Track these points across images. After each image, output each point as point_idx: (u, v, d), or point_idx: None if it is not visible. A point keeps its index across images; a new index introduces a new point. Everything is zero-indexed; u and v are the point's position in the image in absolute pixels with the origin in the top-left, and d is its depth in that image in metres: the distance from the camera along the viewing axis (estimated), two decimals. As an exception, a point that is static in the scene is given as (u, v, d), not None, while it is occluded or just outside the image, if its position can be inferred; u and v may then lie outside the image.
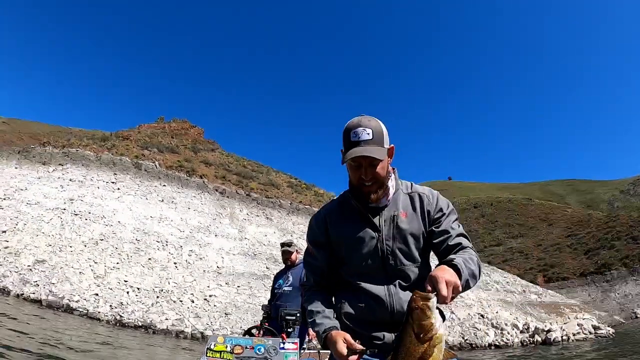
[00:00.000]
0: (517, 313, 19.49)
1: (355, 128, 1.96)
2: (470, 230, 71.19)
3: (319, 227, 2.19)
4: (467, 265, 1.74)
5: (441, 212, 2.07)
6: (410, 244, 2.02)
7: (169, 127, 45.79)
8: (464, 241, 1.97)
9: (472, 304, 18.92)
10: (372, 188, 2.00)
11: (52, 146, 32.69)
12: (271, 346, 4.24)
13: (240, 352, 4.18)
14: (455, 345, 15.73)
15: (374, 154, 1.90)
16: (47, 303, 13.41)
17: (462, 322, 17.15)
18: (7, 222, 18.32)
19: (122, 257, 18.11)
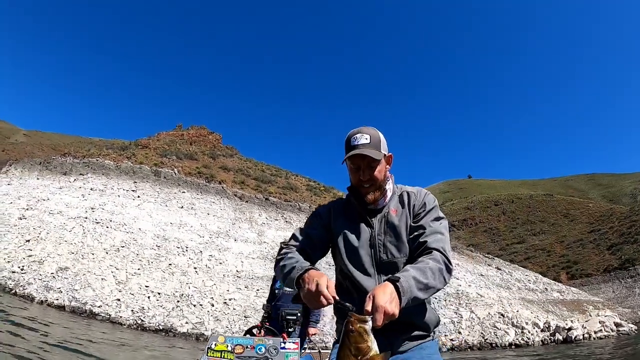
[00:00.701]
0: (539, 311, 19.29)
1: (355, 134, 2.14)
2: (491, 228, 70.36)
3: (324, 213, 2.33)
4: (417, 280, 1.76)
5: (424, 207, 2.18)
6: (400, 237, 2.13)
7: (188, 135, 46.22)
8: (435, 240, 2.03)
9: (492, 303, 18.77)
10: (369, 189, 2.15)
11: (72, 156, 33.29)
12: (272, 346, 4.13)
13: (241, 352, 4.11)
14: (475, 345, 15.61)
15: (370, 154, 2.05)
16: (71, 309, 13.70)
17: (482, 322, 17.02)
18: (31, 232, 18.74)
19: (143, 263, 18.37)
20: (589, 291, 34.51)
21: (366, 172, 2.12)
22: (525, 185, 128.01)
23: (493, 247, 61.78)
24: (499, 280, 23.97)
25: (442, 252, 1.97)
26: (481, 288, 20.86)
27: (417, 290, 1.74)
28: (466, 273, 23.41)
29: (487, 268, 26.42)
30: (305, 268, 1.88)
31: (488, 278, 23.78)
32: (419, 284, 1.76)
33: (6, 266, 15.63)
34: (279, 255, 2.17)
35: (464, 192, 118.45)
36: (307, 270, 1.86)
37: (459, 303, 18.42)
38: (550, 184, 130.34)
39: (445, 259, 1.95)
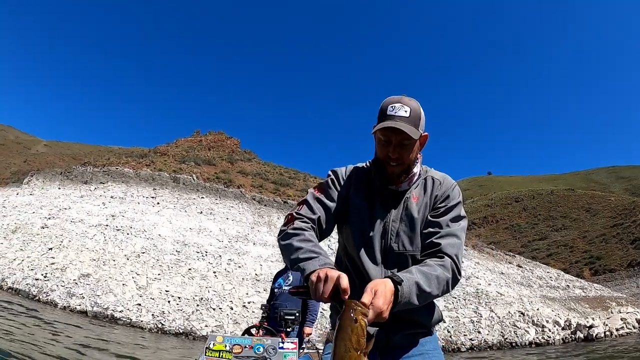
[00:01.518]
0: (560, 309, 19.06)
1: (394, 103, 1.91)
2: (512, 225, 69.54)
3: (345, 182, 2.10)
4: (419, 287, 1.63)
5: (446, 201, 1.99)
6: (415, 229, 1.96)
7: (206, 140, 46.50)
8: (449, 245, 1.85)
9: (512, 301, 18.60)
10: (396, 169, 1.95)
11: (92, 166, 33.87)
12: (270, 346, 4.26)
13: (239, 352, 4.19)
14: (495, 344, 15.48)
15: (407, 131, 1.83)
16: (93, 314, 13.97)
17: (501, 321, 16.86)
18: (53, 240, 19.16)
19: (163, 268, 18.61)
20: (613, 287, 33.95)
21: (397, 149, 1.90)
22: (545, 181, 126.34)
23: (514, 244, 61.04)
24: (520, 278, 23.76)
25: (454, 260, 1.82)
26: (501, 286, 20.71)
27: (416, 297, 1.63)
28: (486, 271, 23.25)
29: (508, 266, 26.20)
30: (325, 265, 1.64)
31: (509, 276, 23.59)
32: (420, 291, 1.65)
33: (30, 274, 16.02)
34: (291, 228, 1.90)
35: (484, 189, 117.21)
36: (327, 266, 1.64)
37: (479, 302, 18.32)
38: (571, 178, 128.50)
39: (455, 269, 1.81)
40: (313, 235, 1.87)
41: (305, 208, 2.01)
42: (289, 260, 1.82)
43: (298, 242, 1.80)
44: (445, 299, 18.32)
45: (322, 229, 2.00)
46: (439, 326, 15.94)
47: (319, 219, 1.98)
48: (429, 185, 2.04)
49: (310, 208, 2.00)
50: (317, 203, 2.03)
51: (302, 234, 1.85)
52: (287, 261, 1.84)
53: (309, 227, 1.91)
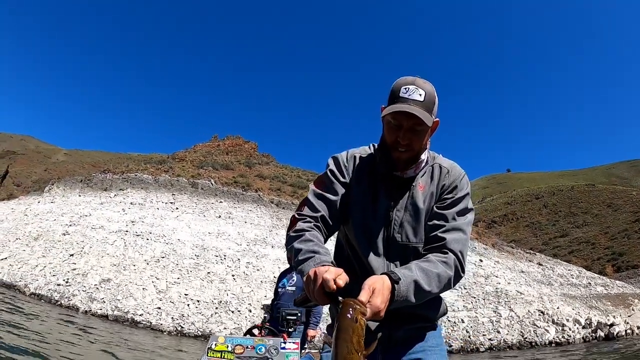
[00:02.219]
0: (581, 307, 18.81)
1: (408, 85, 1.79)
2: (533, 223, 68.59)
3: (347, 169, 1.99)
4: (418, 285, 1.57)
5: (454, 192, 1.90)
6: (420, 219, 1.87)
7: (223, 145, 46.70)
8: (454, 240, 1.77)
9: (532, 300, 18.38)
10: (403, 155, 1.84)
11: (112, 173, 34.31)
12: (272, 346, 4.24)
13: (241, 352, 4.17)
14: (514, 344, 15.32)
15: (421, 116, 1.72)
16: (113, 317, 14.20)
17: (521, 320, 16.67)
18: (74, 246, 19.50)
19: (183, 272, 18.78)
20: (636, 284, 33.32)
21: (407, 134, 1.78)
22: (565, 176, 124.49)
23: (536, 242, 60.18)
24: (540, 277, 23.51)
25: (458, 257, 1.74)
26: (521, 285, 20.51)
27: (413, 295, 1.56)
28: (506, 270, 23.06)
29: (528, 264, 25.95)
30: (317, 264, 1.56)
31: (529, 274, 23.37)
32: (418, 289, 1.58)
33: (52, 279, 16.34)
34: (293, 231, 1.82)
35: (503, 186, 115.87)
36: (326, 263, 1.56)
37: (498, 302, 18.15)
38: (591, 173, 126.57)
39: (458, 266, 1.74)
40: (315, 234, 1.78)
41: (307, 208, 1.91)
42: (294, 266, 1.72)
43: (298, 244, 1.73)
44: (464, 298, 18.24)
45: (329, 226, 1.89)
46: (457, 327, 15.89)
47: (322, 217, 1.87)
48: (436, 173, 1.94)
49: (312, 207, 1.90)
50: (319, 200, 1.92)
51: (302, 234, 1.77)
52: (294, 267, 1.73)
53: (311, 227, 1.82)
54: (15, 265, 17.55)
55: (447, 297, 17.93)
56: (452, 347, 14.65)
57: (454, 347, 14.68)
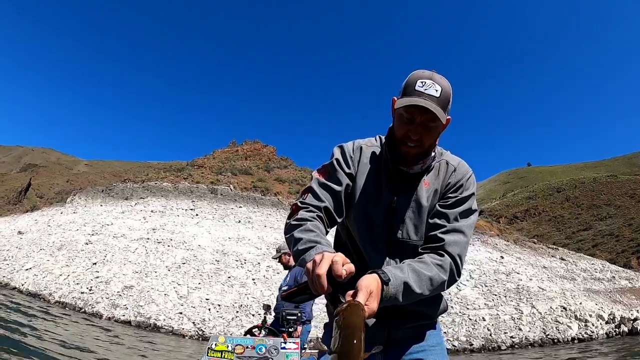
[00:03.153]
0: (605, 302, 18.49)
1: (425, 79, 1.72)
2: (555, 217, 67.38)
3: (353, 160, 1.93)
4: (408, 287, 1.54)
5: (458, 192, 1.86)
6: (422, 217, 1.83)
7: (242, 150, 46.83)
8: (453, 242, 1.74)
9: (554, 296, 18.12)
10: (412, 150, 1.78)
11: (132, 182, 34.81)
12: (272, 346, 4.24)
13: (242, 352, 4.17)
14: (536, 341, 15.10)
15: (436, 112, 1.66)
16: (136, 323, 14.41)
17: (543, 317, 16.40)
18: (97, 255, 19.84)
19: (203, 277, 18.95)
20: (661, 275, 32.78)
21: (419, 130, 1.72)
22: (587, 168, 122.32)
23: (559, 236, 58.94)
24: (563, 272, 23.20)
25: (455, 260, 1.71)
26: (543, 281, 20.26)
27: (402, 296, 1.53)
28: (528, 266, 22.81)
29: (551, 259, 25.60)
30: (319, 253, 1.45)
31: (551, 270, 23.07)
32: (407, 291, 1.55)
33: (76, 288, 16.65)
34: (294, 220, 1.74)
35: (524, 181, 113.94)
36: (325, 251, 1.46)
37: (519, 298, 17.94)
38: (613, 163, 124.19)
39: (454, 269, 1.70)
40: (317, 225, 1.69)
41: (311, 196, 1.83)
42: (293, 255, 1.64)
43: (299, 233, 1.64)
44: (485, 296, 18.09)
45: (332, 218, 1.82)
46: (478, 325, 15.76)
47: (326, 208, 1.79)
48: (442, 170, 1.89)
49: (316, 196, 1.82)
50: (323, 189, 1.84)
51: (304, 224, 1.68)
52: (293, 256, 1.65)
53: (314, 217, 1.74)
54: (40, 275, 17.93)
55: (468, 295, 17.90)
56: (473, 345, 14.50)
57: (475, 346, 14.51)
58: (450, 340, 14.57)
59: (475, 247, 25.01)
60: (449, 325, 15.46)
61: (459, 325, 15.50)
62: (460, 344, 14.50)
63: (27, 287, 16.99)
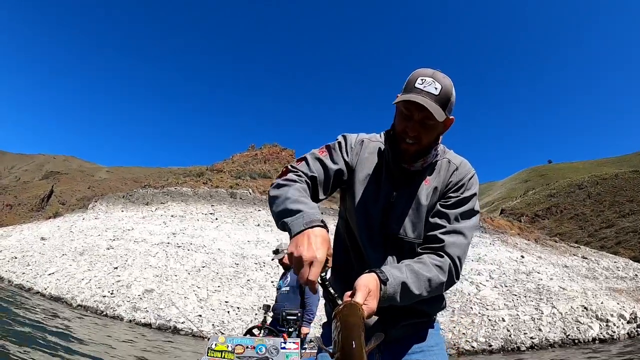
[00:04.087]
0: (627, 301, 18.08)
1: (426, 76, 1.72)
2: (577, 214, 66.32)
3: (355, 151, 1.94)
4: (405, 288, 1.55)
5: (460, 192, 1.84)
6: (421, 215, 1.82)
7: (261, 153, 47.04)
8: (453, 244, 1.73)
9: (575, 296, 17.80)
10: (410, 147, 1.78)
11: (152, 187, 35.24)
12: (272, 346, 4.29)
13: (242, 352, 4.22)
14: (557, 342, 14.83)
15: (432, 110, 1.65)
16: (156, 326, 14.60)
17: (564, 317, 16.08)
18: (118, 260, 20.15)
19: (223, 280, 19.10)
20: (686, 273, 32.09)
21: (416, 127, 1.72)
22: (609, 164, 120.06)
23: (581, 234, 57.94)
24: (585, 271, 22.85)
25: (455, 262, 1.70)
26: (564, 280, 19.98)
27: (400, 297, 1.55)
28: (548, 266, 22.52)
29: (572, 258, 25.21)
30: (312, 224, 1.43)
31: (572, 269, 22.75)
32: (406, 292, 1.56)
33: (97, 292, 16.93)
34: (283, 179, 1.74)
35: (545, 178, 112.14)
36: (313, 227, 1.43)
37: (540, 298, 17.68)
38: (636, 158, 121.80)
39: (454, 271, 1.70)
40: (305, 188, 1.70)
41: (304, 164, 1.86)
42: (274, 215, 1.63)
43: (285, 190, 1.64)
44: (505, 296, 17.90)
45: (317, 191, 1.82)
46: (497, 326, 15.60)
47: (314, 178, 1.80)
48: (444, 168, 1.88)
49: (308, 166, 1.84)
50: (317, 163, 1.86)
51: (292, 184, 1.69)
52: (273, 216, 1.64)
53: (302, 181, 1.75)
54: (62, 280, 18.27)
55: (488, 295, 17.77)
56: (492, 347, 14.34)
57: (494, 347, 14.33)
58: (469, 341, 14.47)
59: (496, 247, 24.85)
60: (468, 326, 15.35)
61: (478, 326, 15.39)
62: (479, 345, 14.36)
63: (49, 292, 17.34)
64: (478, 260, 21.89)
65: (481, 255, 22.63)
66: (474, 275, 19.74)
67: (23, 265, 20.75)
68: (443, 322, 15.47)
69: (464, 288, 18.31)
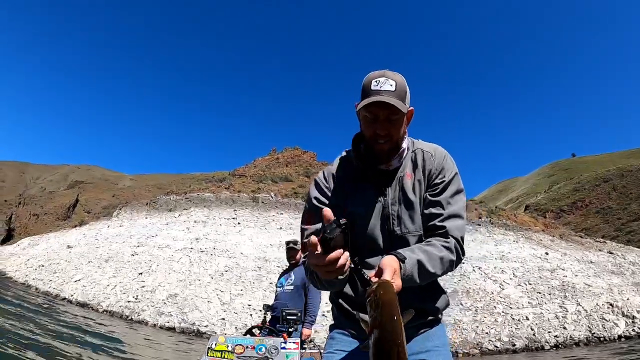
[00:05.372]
0: (654, 297, 17.81)
1: (378, 77, 1.78)
2: (603, 208, 64.89)
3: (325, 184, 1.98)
4: (421, 266, 1.61)
5: (442, 176, 1.90)
6: (414, 207, 1.87)
7: (282, 157, 47.13)
8: (455, 227, 1.81)
9: (600, 292, 17.45)
10: (384, 147, 1.83)
11: (175, 194, 35.64)
12: (272, 346, 4.26)
13: (242, 352, 4.21)
14: (582, 340, 14.51)
15: (396, 105, 1.72)
16: (180, 329, 14.81)
17: (589, 315, 15.74)
18: (143, 265, 20.50)
19: (246, 284, 19.24)
20: None
21: (385, 125, 1.78)
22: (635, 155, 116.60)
23: (607, 228, 56.55)
24: (611, 266, 22.39)
25: (459, 242, 1.79)
26: (589, 277, 19.63)
27: (417, 276, 1.60)
28: (573, 262, 22.15)
29: (598, 254, 24.73)
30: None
31: (598, 265, 22.33)
32: (422, 270, 1.62)
33: (122, 297, 17.27)
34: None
35: (569, 172, 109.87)
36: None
37: (564, 296, 17.36)
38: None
39: (460, 250, 1.79)
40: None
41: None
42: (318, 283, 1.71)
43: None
44: (529, 294, 17.67)
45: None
46: (521, 324, 15.39)
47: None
48: (420, 158, 1.95)
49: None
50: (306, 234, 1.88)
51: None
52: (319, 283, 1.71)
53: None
54: (89, 286, 18.70)
55: (511, 294, 17.58)
56: (515, 346, 14.13)
57: (518, 347, 14.11)
58: (492, 341, 14.32)
59: (519, 244, 24.56)
60: (491, 325, 15.22)
61: (502, 325, 15.24)
62: (503, 344, 14.20)
63: (76, 298, 17.79)
64: (501, 258, 21.66)
65: (505, 253, 22.38)
66: (498, 274, 19.54)
67: (50, 272, 21.26)
68: (466, 321, 15.40)
69: (488, 287, 18.14)
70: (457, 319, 15.59)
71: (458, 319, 15.55)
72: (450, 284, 18.33)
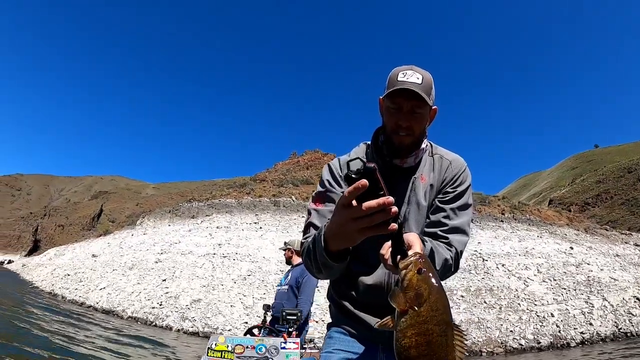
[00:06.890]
0: (686, 290, 17.40)
1: (405, 70, 1.76)
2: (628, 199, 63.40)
3: (341, 171, 1.92)
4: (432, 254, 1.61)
5: (456, 186, 1.88)
6: (422, 212, 1.86)
7: (303, 160, 47.36)
8: (456, 240, 1.79)
9: (627, 286, 17.10)
10: (405, 139, 1.80)
11: (197, 201, 36.04)
12: (272, 346, 4.30)
13: (242, 352, 4.24)
14: (608, 336, 14.19)
15: (421, 93, 1.69)
16: (203, 334, 14.93)
17: (615, 310, 15.44)
18: (166, 272, 20.76)
19: (268, 287, 19.31)
20: None
21: (407, 117, 1.75)
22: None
23: (634, 220, 54.89)
24: (637, 259, 21.91)
25: (458, 255, 1.77)
26: (615, 271, 19.25)
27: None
28: (599, 256, 21.76)
29: (624, 246, 24.28)
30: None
31: (624, 258, 21.89)
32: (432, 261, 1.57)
33: (147, 303, 17.52)
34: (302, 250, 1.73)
35: (593, 164, 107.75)
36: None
37: (590, 291, 17.04)
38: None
39: (457, 262, 1.77)
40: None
41: (312, 229, 1.84)
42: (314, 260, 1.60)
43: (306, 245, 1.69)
44: (554, 291, 17.37)
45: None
46: (546, 321, 15.12)
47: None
48: (437, 165, 1.92)
49: (316, 227, 1.82)
50: (322, 217, 1.84)
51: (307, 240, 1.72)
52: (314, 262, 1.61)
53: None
54: (113, 293, 19.04)
55: (536, 291, 17.34)
56: (540, 344, 13.87)
57: (543, 344, 13.84)
58: (516, 339, 14.11)
59: (544, 240, 24.22)
60: (516, 323, 15.03)
61: (526, 323, 15.03)
62: (528, 342, 13.96)
63: (101, 305, 18.16)
64: (525, 255, 21.37)
65: (529, 249, 22.07)
66: (522, 270, 19.28)
67: (76, 281, 21.68)
68: (490, 320, 15.23)
69: (511, 284, 17.93)
70: (481, 317, 15.42)
71: (482, 317, 15.38)
72: (473, 282, 18.17)
